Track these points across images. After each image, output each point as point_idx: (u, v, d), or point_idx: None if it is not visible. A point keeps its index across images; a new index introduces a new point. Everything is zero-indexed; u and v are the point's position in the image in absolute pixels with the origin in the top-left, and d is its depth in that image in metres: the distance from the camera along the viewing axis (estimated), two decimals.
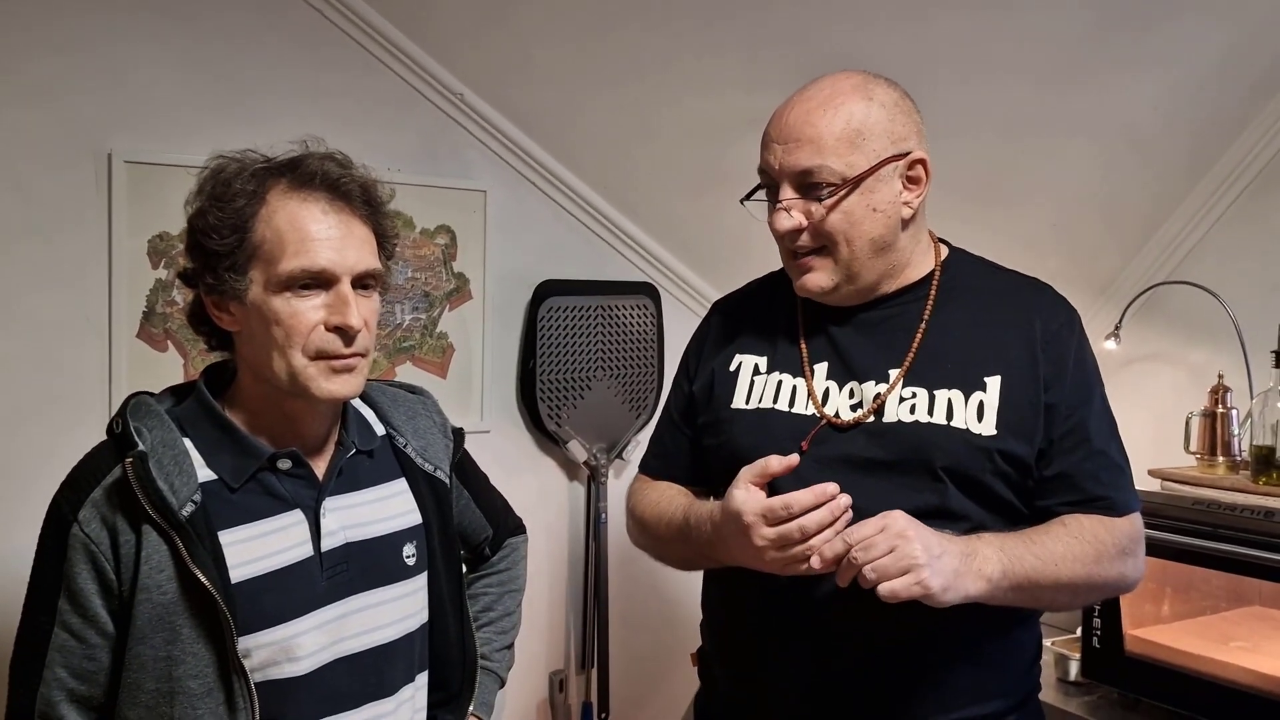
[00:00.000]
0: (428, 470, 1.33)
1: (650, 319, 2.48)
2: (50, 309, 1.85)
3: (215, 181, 1.16)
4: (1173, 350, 2.45)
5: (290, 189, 1.15)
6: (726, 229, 2.44)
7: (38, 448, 1.78)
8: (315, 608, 1.18)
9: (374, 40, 2.09)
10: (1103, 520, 1.29)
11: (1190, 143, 2.27)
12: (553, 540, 2.46)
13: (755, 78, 2.06)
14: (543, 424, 2.36)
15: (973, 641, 1.29)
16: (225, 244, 1.13)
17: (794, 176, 1.28)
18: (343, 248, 1.15)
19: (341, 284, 1.14)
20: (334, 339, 1.14)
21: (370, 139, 2.02)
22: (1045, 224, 2.40)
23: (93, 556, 1.11)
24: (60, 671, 1.13)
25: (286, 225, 1.13)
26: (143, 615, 1.11)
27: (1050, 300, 1.37)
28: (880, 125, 1.27)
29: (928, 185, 1.32)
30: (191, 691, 1.11)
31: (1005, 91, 2.08)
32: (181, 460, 1.14)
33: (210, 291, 1.16)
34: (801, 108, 1.29)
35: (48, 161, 1.83)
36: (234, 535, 1.15)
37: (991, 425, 1.27)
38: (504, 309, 2.34)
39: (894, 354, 1.32)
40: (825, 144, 1.25)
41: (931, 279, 1.36)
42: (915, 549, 1.13)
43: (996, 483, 1.27)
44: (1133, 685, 2.00)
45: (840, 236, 1.28)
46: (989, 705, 1.30)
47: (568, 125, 2.26)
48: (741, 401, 1.38)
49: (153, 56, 1.90)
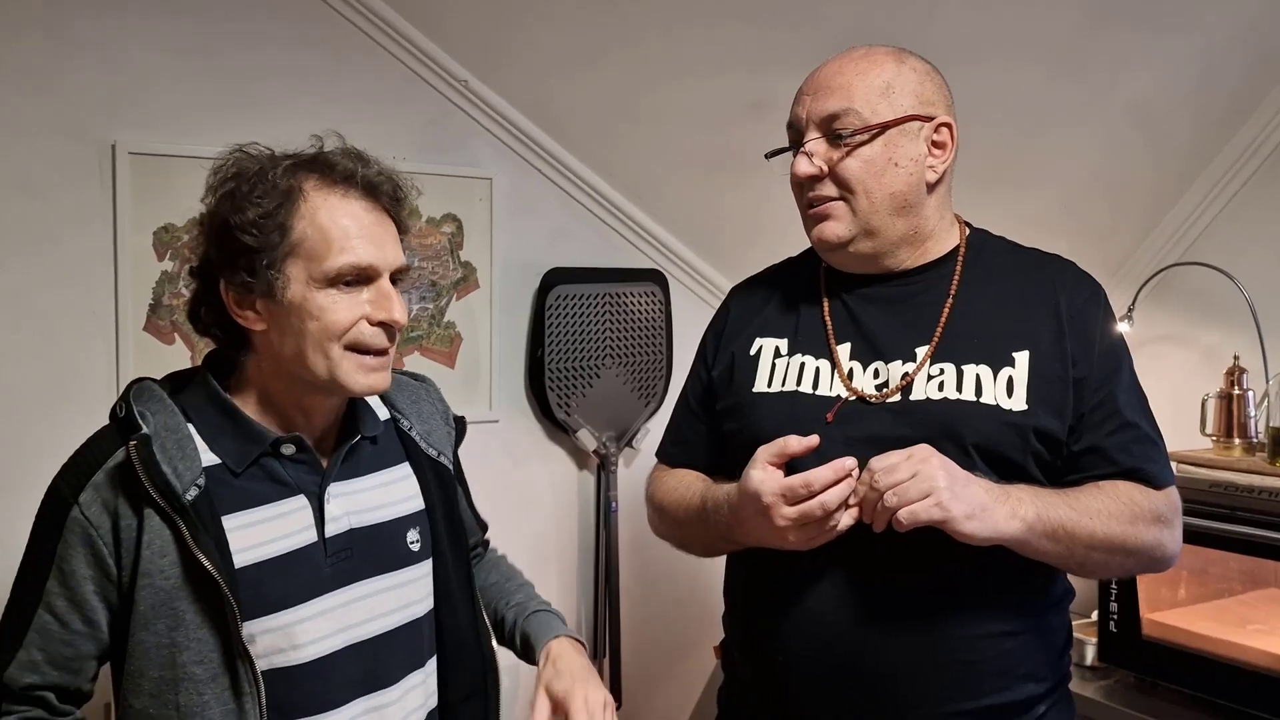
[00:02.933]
0: (432, 455, 1.33)
1: (659, 306, 2.47)
2: (56, 302, 1.84)
3: (244, 176, 1.15)
4: (1186, 332, 2.44)
5: (325, 185, 1.15)
6: (735, 214, 2.43)
7: (45, 441, 1.75)
8: (319, 594, 1.18)
9: (378, 27, 2.07)
10: (1138, 486, 1.27)
11: (1201, 123, 2.25)
12: (563, 530, 2.45)
13: (763, 60, 2.04)
14: (551, 413, 2.35)
15: (1003, 625, 1.27)
16: (264, 240, 1.12)
17: (821, 122, 1.30)
18: (382, 244, 1.17)
19: (382, 280, 1.16)
20: (378, 333, 1.16)
21: (375, 127, 2.01)
22: (1055, 206, 2.38)
23: (90, 540, 1.11)
24: (35, 654, 1.12)
25: (329, 222, 1.14)
26: (145, 601, 1.11)
27: (1074, 276, 1.36)
28: (910, 85, 1.29)
29: (953, 152, 1.32)
30: (196, 677, 1.11)
31: (1014, 73, 2.06)
32: (185, 444, 1.13)
33: (237, 288, 1.15)
34: (836, 63, 1.32)
35: (52, 154, 1.82)
36: (237, 520, 1.14)
37: (1021, 400, 1.26)
38: (511, 297, 2.33)
39: (920, 332, 1.31)
40: (855, 91, 1.28)
41: (956, 255, 1.35)
42: (936, 473, 1.14)
43: (1028, 460, 1.26)
44: (1150, 669, 1.99)
45: (859, 185, 1.28)
46: (1020, 691, 1.28)
47: (573, 111, 2.25)
48: (764, 385, 1.37)
49: (155, 46, 1.89)
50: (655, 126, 2.26)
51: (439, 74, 2.15)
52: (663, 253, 2.51)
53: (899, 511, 1.13)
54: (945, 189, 1.35)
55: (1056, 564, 1.27)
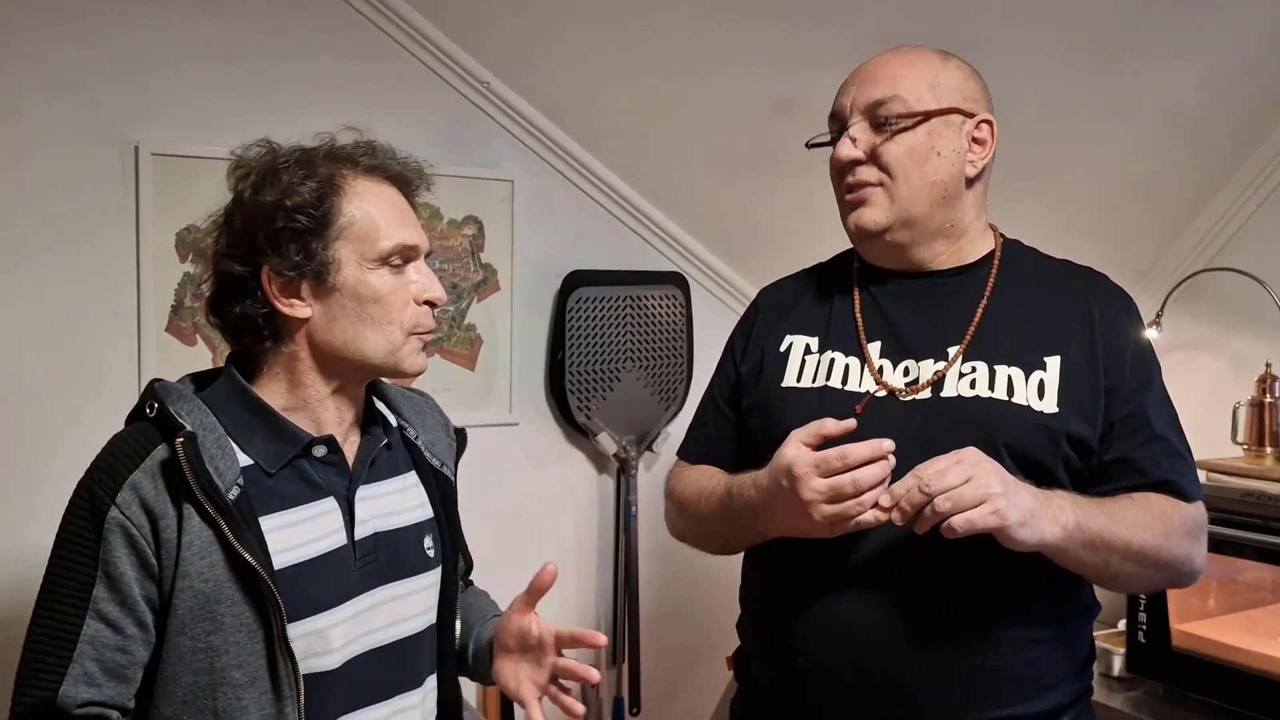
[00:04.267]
0: (435, 465, 1.32)
1: (680, 309, 2.45)
2: (80, 303, 1.85)
3: (286, 163, 1.16)
4: (1215, 338, 2.40)
5: (365, 174, 1.19)
6: (757, 216, 2.41)
7: (67, 442, 1.77)
8: (350, 597, 1.17)
9: (399, 28, 2.07)
10: (1169, 499, 1.26)
11: (1233, 125, 2.22)
12: (582, 533, 2.44)
13: (788, 59, 2.02)
14: (572, 416, 2.34)
15: (1030, 633, 1.25)
16: (316, 220, 1.14)
17: (866, 109, 1.31)
18: (416, 226, 1.21)
19: (421, 260, 1.20)
20: (427, 312, 1.20)
21: (396, 128, 1.99)
22: (1084, 207, 2.35)
23: (133, 541, 1.08)
24: (90, 665, 1.08)
25: (375, 204, 1.17)
26: (183, 604, 1.08)
27: (1105, 288, 1.36)
28: (955, 81, 1.31)
29: (993, 149, 1.33)
30: (235, 682, 1.09)
31: (1046, 70, 2.03)
32: (223, 443, 1.12)
33: (284, 274, 1.14)
34: (883, 56, 1.34)
35: (75, 155, 1.83)
36: (274, 521, 1.13)
37: (1053, 403, 1.25)
38: (532, 300, 2.32)
39: (952, 332, 1.30)
40: (901, 80, 1.30)
41: (991, 260, 1.36)
42: (991, 479, 1.11)
43: (1058, 465, 1.25)
44: (1179, 680, 1.96)
45: (899, 170, 1.29)
46: (1044, 701, 1.26)
47: (595, 112, 2.24)
48: (793, 380, 1.35)
49: (177, 48, 1.90)
50: (677, 128, 2.24)
51: (461, 75, 2.15)
52: (684, 255, 2.50)
53: (953, 518, 1.09)
54: (983, 188, 1.36)
55: (1089, 575, 1.25)
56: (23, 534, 1.72)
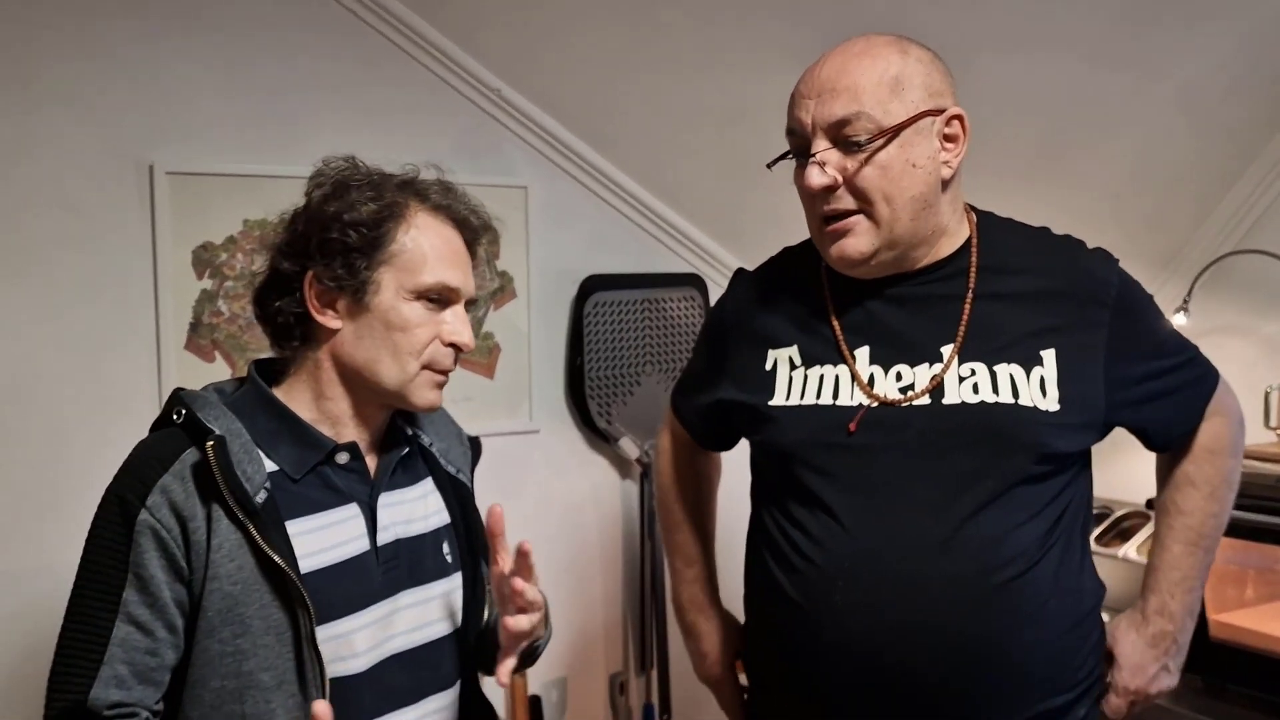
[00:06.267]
0: (450, 472, 1.33)
1: (698, 311, 2.44)
2: (99, 322, 1.86)
3: (359, 178, 1.19)
4: (1245, 322, 2.36)
5: (430, 210, 1.21)
6: (772, 215, 2.39)
7: (89, 461, 1.76)
8: (373, 602, 1.18)
9: (409, 38, 2.07)
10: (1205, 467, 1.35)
11: (1255, 106, 2.18)
12: (606, 540, 2.43)
13: (797, 55, 1.99)
14: (593, 421, 2.32)
15: (1048, 633, 1.23)
16: (368, 239, 1.16)
17: (829, 128, 1.20)
18: (467, 273, 1.23)
19: (459, 305, 1.22)
20: (449, 354, 1.21)
21: (409, 138, 2.01)
22: (1108, 194, 2.32)
23: (164, 543, 1.09)
24: (121, 668, 1.08)
25: (430, 241, 1.19)
26: (212, 606, 1.10)
27: (1091, 262, 1.30)
28: (918, 77, 1.20)
29: (965, 144, 1.25)
30: (263, 684, 1.10)
31: (1058, 58, 2.01)
32: (250, 448, 1.14)
33: (325, 283, 1.16)
34: (836, 60, 1.22)
35: (91, 175, 1.84)
36: (300, 525, 1.15)
37: (1055, 400, 1.22)
38: (549, 306, 2.31)
39: (942, 330, 1.25)
40: (863, 91, 1.18)
41: (969, 248, 1.29)
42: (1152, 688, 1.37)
43: (1071, 452, 1.25)
44: (1218, 672, 1.92)
45: (878, 193, 1.20)
46: (1064, 696, 1.25)
47: (606, 116, 2.23)
48: (781, 398, 1.31)
49: (190, 66, 1.90)
50: (691, 129, 2.23)
51: (471, 83, 2.14)
52: (701, 257, 2.48)
53: None
54: (957, 182, 1.28)
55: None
56: (49, 552, 1.73)
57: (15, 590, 1.78)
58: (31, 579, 1.77)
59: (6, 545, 1.79)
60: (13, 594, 1.78)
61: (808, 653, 1.26)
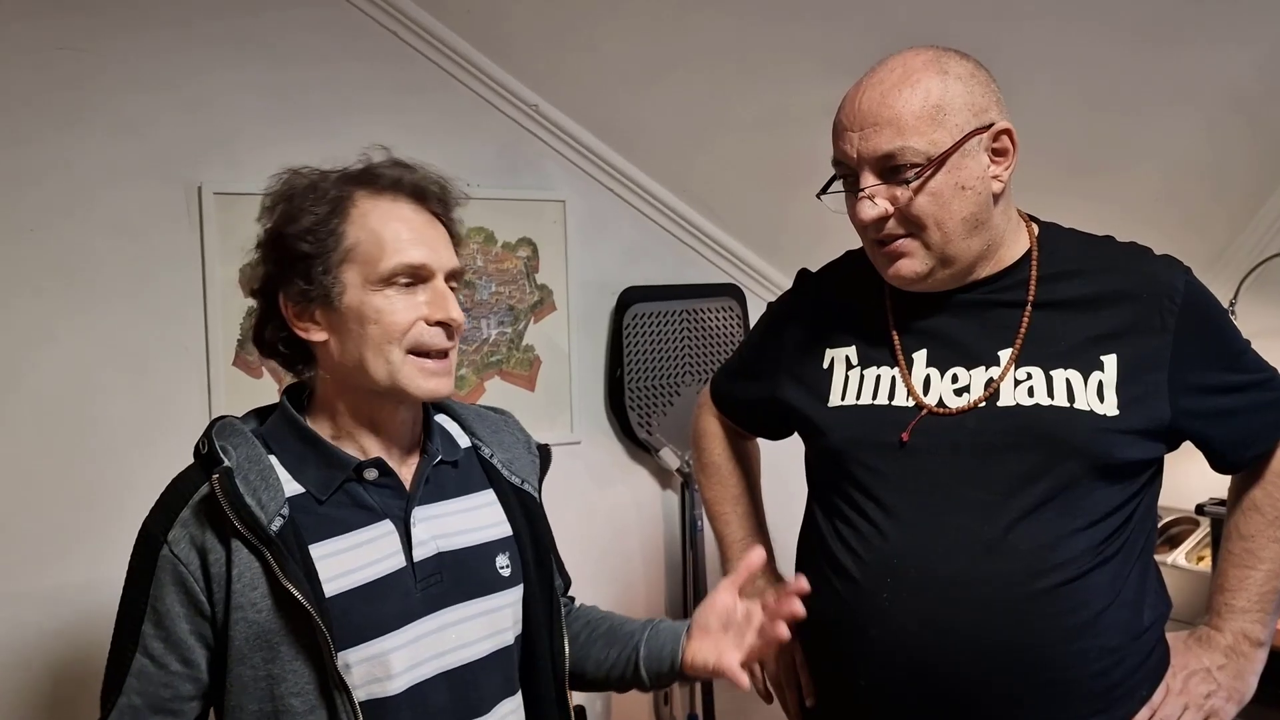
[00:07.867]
0: (515, 483, 1.31)
1: (736, 320, 2.44)
2: (150, 340, 1.90)
3: (296, 191, 1.17)
4: None
5: (374, 193, 1.17)
6: (809, 223, 2.37)
7: (142, 478, 1.79)
8: (411, 620, 1.16)
9: (449, 58, 2.10)
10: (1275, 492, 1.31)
11: None
12: (649, 550, 2.43)
13: (831, 60, 1.99)
14: (633, 432, 2.33)
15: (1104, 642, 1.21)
16: (319, 245, 1.14)
17: (875, 162, 1.20)
18: (434, 245, 1.17)
19: (437, 280, 1.17)
20: (437, 333, 1.16)
21: (449, 155, 2.01)
22: (1150, 197, 2.29)
23: (181, 578, 1.10)
24: (135, 699, 1.11)
25: (380, 225, 1.15)
26: (239, 635, 1.10)
27: (1155, 266, 1.28)
28: (960, 98, 1.19)
29: (1015, 156, 1.24)
30: (295, 710, 1.10)
31: (1103, 54, 1.98)
32: (268, 475, 1.13)
33: (297, 299, 1.16)
34: (875, 90, 1.21)
35: (143, 197, 1.88)
36: (325, 548, 1.14)
37: (1114, 405, 1.20)
38: (588, 318, 2.33)
39: (1001, 336, 1.26)
40: (905, 124, 1.18)
41: (1029, 259, 1.29)
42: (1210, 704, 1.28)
43: (1128, 463, 1.22)
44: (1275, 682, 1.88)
45: (930, 220, 1.20)
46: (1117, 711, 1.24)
47: (642, 129, 2.24)
48: (837, 398, 1.33)
49: (235, 87, 1.95)
50: (726, 138, 2.24)
51: (509, 100, 2.17)
52: (739, 267, 2.49)
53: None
54: (1009, 194, 1.28)
55: None
56: (101, 569, 1.75)
57: (68, 604, 1.81)
58: (79, 594, 1.81)
59: (60, 560, 1.82)
60: (66, 607, 1.81)
61: (854, 652, 1.26)
